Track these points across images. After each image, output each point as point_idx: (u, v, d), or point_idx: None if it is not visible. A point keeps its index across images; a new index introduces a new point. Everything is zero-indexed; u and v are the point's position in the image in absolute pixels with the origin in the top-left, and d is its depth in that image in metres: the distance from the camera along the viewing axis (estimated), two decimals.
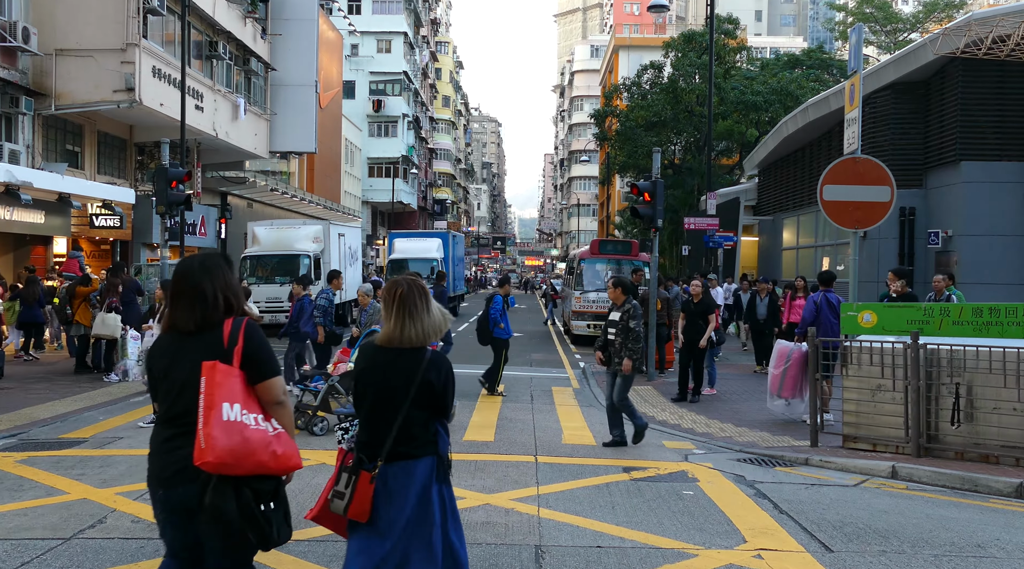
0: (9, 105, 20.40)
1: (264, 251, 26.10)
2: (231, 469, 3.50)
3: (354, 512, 3.97)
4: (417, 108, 76.74)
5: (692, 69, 39.58)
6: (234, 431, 3.51)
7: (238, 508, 3.53)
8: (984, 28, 15.89)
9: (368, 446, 4.05)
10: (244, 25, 30.14)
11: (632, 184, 16.96)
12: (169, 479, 3.64)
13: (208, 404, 3.53)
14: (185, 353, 3.71)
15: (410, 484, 3.99)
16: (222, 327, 3.75)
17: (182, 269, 3.89)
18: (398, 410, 4.03)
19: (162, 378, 3.75)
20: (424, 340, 4.13)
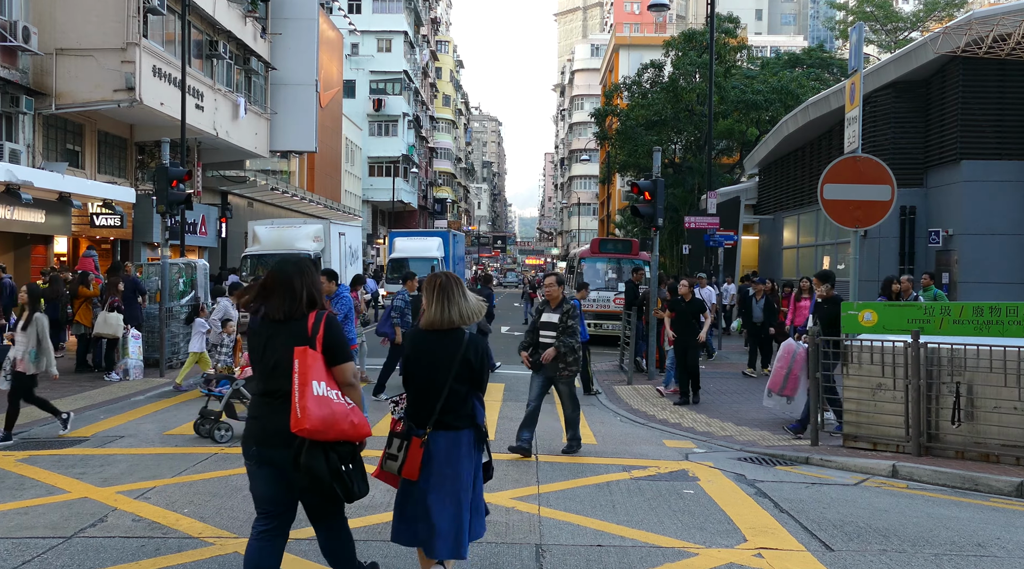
0: (9, 104, 20.40)
1: (265, 250, 26.08)
2: (321, 435, 4.29)
3: (406, 472, 4.74)
4: (417, 107, 76.74)
5: (692, 68, 39.56)
6: (323, 404, 4.30)
7: (327, 467, 4.32)
8: (985, 27, 15.88)
9: (416, 416, 4.81)
10: (244, 24, 30.13)
11: (633, 183, 16.94)
12: (266, 440, 4.43)
13: (302, 382, 4.29)
14: (276, 337, 4.47)
15: (451, 451, 4.77)
16: (307, 318, 4.51)
17: (278, 268, 4.65)
18: (443, 384, 4.77)
19: (258, 359, 4.53)
20: (462, 322, 4.87)
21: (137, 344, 15.33)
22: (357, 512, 6.97)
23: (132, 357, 15.14)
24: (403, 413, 4.90)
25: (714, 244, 24.66)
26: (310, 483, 4.33)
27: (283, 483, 4.46)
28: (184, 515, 6.82)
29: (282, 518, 4.57)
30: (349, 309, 11.02)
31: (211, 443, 9.78)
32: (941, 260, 18.68)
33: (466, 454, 4.82)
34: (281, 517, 4.56)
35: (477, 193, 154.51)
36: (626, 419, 12.08)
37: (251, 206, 38.05)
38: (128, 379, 14.83)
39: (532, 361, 9.41)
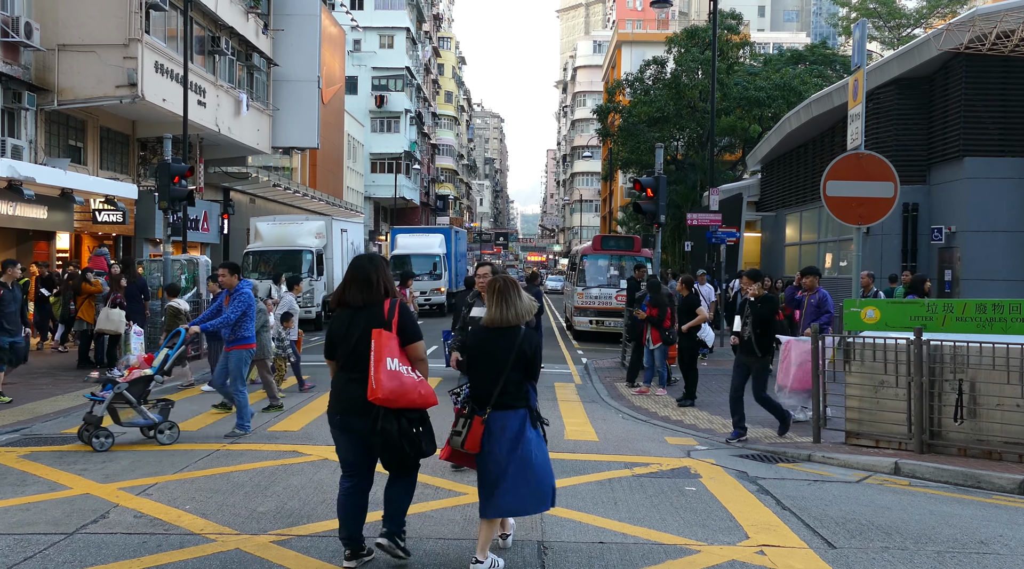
0: (12, 100, 20.41)
1: (267, 247, 26.12)
2: (393, 403, 5.18)
3: (468, 445, 5.48)
4: (419, 104, 76.69)
5: (695, 65, 39.49)
6: (395, 377, 5.19)
7: (399, 430, 5.22)
8: (988, 24, 15.84)
9: (478, 399, 5.57)
10: (246, 20, 30.12)
11: (635, 180, 16.94)
12: (347, 408, 5.35)
13: (378, 358, 5.18)
14: (356, 321, 5.38)
15: (507, 427, 5.48)
16: (383, 304, 5.42)
17: (357, 263, 5.59)
18: (501, 372, 5.50)
19: (340, 340, 5.42)
20: (518, 320, 5.60)
21: (139, 341, 15.31)
22: None
23: (134, 353, 15.11)
24: (463, 399, 5.74)
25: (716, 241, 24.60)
26: (385, 443, 5.26)
27: (363, 447, 5.41)
28: (186, 512, 6.82)
29: (363, 477, 5.53)
30: (248, 307, 10.19)
31: (213, 439, 9.78)
32: (944, 257, 18.65)
33: (522, 429, 5.50)
34: (362, 475, 5.53)
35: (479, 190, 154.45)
36: (628, 416, 12.07)
37: (253, 202, 38.05)
38: None
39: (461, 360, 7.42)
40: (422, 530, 6.41)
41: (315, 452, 9.15)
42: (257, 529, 6.36)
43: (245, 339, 10.37)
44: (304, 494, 7.40)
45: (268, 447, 9.43)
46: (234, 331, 10.30)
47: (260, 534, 6.24)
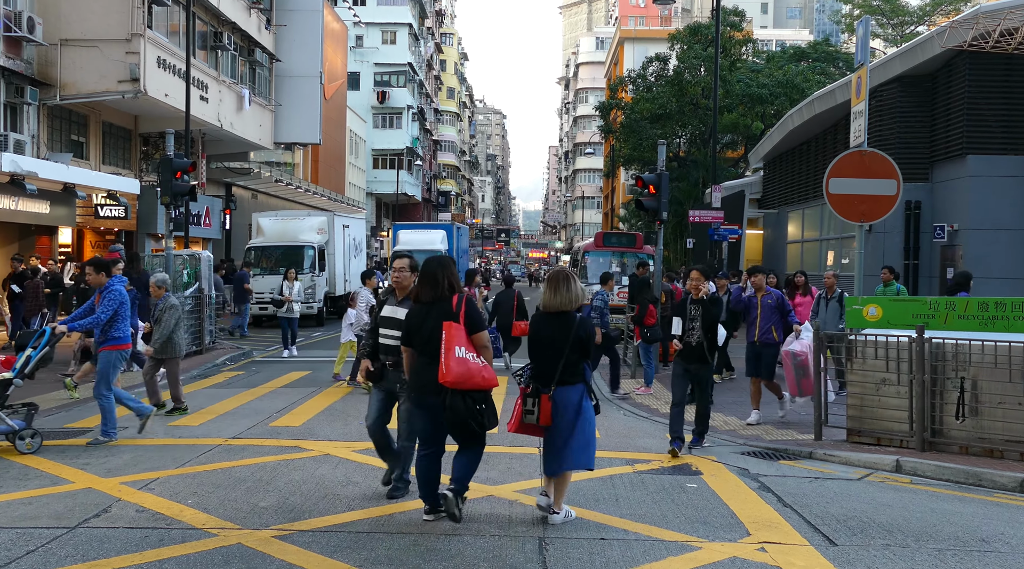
0: (14, 95, 20.41)
1: (269, 242, 26.12)
2: (460, 385, 6.05)
3: (543, 420, 6.47)
4: (422, 100, 76.64)
5: (697, 61, 39.44)
6: (462, 363, 6.05)
7: (465, 408, 6.09)
8: (991, 21, 15.81)
9: (542, 378, 6.54)
10: (249, 16, 30.10)
11: (637, 176, 16.93)
12: (422, 388, 6.29)
13: (447, 347, 6.05)
14: (429, 314, 6.32)
15: (569, 400, 6.49)
16: (451, 300, 6.33)
17: (426, 265, 6.54)
18: (561, 353, 6.46)
19: (416, 330, 6.36)
20: (570, 306, 6.58)
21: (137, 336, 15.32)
22: (361, 504, 6.98)
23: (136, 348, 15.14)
24: (527, 380, 6.62)
25: (718, 238, 24.63)
26: (453, 419, 6.15)
27: (435, 420, 6.30)
28: (188, 506, 6.83)
29: (436, 446, 6.46)
30: (120, 304, 9.59)
31: (215, 435, 9.79)
32: (946, 255, 18.63)
33: (581, 401, 6.52)
34: (436, 445, 6.46)
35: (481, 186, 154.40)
36: (629, 413, 12.08)
37: (255, 198, 38.06)
38: (131, 370, 14.86)
39: (372, 370, 7.23)
40: (423, 526, 6.42)
41: (317, 447, 9.16)
42: (259, 524, 6.37)
43: (116, 339, 9.60)
44: (306, 489, 7.41)
45: (270, 442, 9.45)
46: (104, 332, 9.53)
47: (262, 529, 6.25)
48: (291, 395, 12.85)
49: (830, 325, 12.73)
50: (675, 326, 9.21)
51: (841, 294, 12.96)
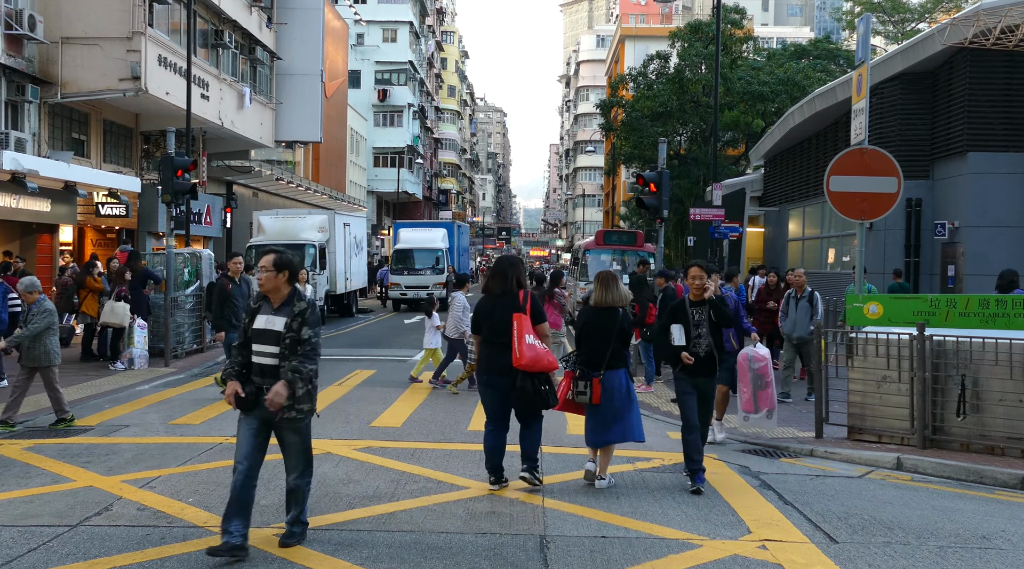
0: (15, 93, 20.40)
1: (270, 240, 26.10)
2: (529, 368, 7.10)
3: (595, 399, 7.50)
4: (422, 98, 76.58)
5: (698, 59, 39.41)
6: (532, 349, 7.10)
7: (533, 388, 7.15)
8: (992, 18, 15.79)
9: (592, 363, 7.57)
10: (250, 14, 30.08)
11: (638, 174, 16.93)
12: (493, 370, 7.30)
13: (520, 335, 7.09)
14: (498, 306, 7.34)
15: (616, 382, 7.59)
16: (517, 294, 7.36)
17: (497, 263, 7.66)
18: (608, 342, 7.55)
19: (486, 319, 7.38)
20: (616, 303, 7.65)
21: (143, 334, 15.37)
22: (362, 502, 6.99)
23: (137, 346, 15.18)
24: (574, 366, 7.68)
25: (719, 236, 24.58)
26: (522, 397, 7.18)
27: (503, 399, 7.32)
28: (189, 504, 6.84)
29: (503, 420, 7.42)
30: None
31: (216, 433, 9.80)
32: (947, 253, 18.63)
33: (626, 382, 7.67)
34: (503, 419, 7.42)
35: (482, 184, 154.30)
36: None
37: (256, 196, 38.05)
38: (133, 368, 14.88)
39: (243, 396, 5.86)
40: (424, 524, 6.43)
41: (318, 446, 9.13)
42: (260, 522, 6.37)
43: None
44: None
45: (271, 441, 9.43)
46: None
47: (263, 527, 6.26)
48: None
49: (800, 326, 12.48)
50: (676, 335, 7.79)
51: (812, 293, 12.68)
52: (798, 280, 12.99)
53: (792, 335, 12.74)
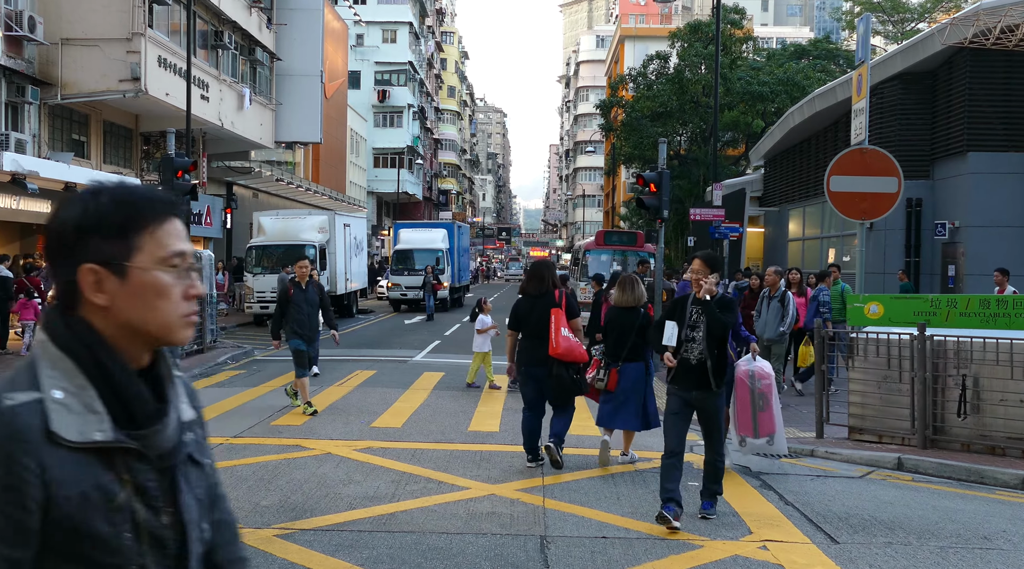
0: (15, 94, 20.40)
1: (270, 241, 26.12)
2: (564, 358, 8.00)
3: (610, 386, 8.39)
4: (422, 98, 76.58)
5: (698, 59, 39.43)
6: (567, 340, 8.00)
7: (567, 375, 8.06)
8: (992, 18, 15.80)
9: (613, 355, 8.43)
10: (249, 15, 30.08)
11: (638, 175, 16.94)
12: (531, 361, 8.18)
13: (556, 329, 7.97)
14: (537, 304, 8.23)
15: (632, 373, 8.42)
16: (553, 293, 8.26)
17: (534, 266, 8.80)
18: (628, 337, 8.35)
19: (525, 317, 8.27)
20: (636, 303, 8.49)
21: None
22: (362, 503, 6.99)
23: None
24: (600, 354, 8.59)
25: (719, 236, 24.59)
26: (557, 385, 8.08)
27: (540, 388, 8.19)
28: None
29: (540, 406, 8.27)
30: None
31: (217, 434, 9.79)
32: (947, 252, 18.63)
33: (643, 374, 8.51)
34: (539, 406, 8.26)
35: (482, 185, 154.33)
36: None
37: (256, 197, 38.05)
38: None
39: None
40: (425, 524, 6.43)
41: (318, 446, 9.16)
42: (260, 523, 6.37)
43: None
44: (307, 488, 7.41)
45: (271, 441, 9.45)
46: None
47: (264, 528, 6.25)
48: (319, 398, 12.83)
49: (771, 327, 12.24)
50: (668, 333, 6.71)
51: (784, 293, 12.37)
52: (769, 279, 12.64)
53: (763, 336, 12.27)
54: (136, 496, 1.45)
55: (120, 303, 1.48)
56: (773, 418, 8.13)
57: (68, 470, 1.38)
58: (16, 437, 1.35)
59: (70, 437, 1.38)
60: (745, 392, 8.12)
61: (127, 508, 1.43)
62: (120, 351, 1.49)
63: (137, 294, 1.48)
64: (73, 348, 1.46)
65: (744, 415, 8.17)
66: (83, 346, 1.46)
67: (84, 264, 1.46)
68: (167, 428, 1.52)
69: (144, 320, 1.49)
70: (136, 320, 1.49)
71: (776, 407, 8.17)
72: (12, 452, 1.35)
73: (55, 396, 1.41)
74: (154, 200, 1.53)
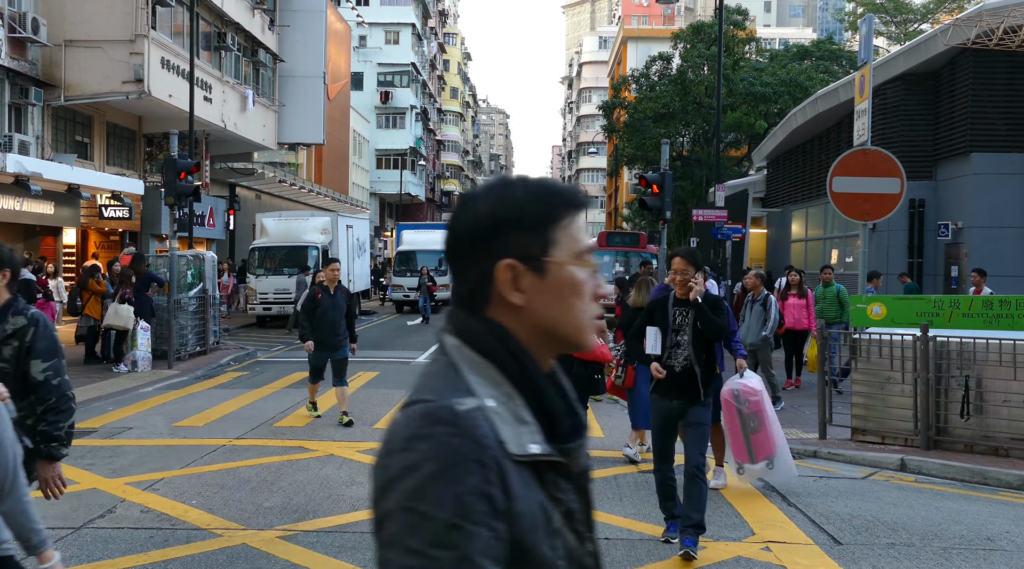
0: (19, 96, 20.43)
1: (273, 242, 26.14)
2: (586, 356, 8.05)
3: (627, 383, 8.67)
4: (425, 99, 76.63)
5: (701, 60, 39.40)
6: None
7: (587, 375, 8.42)
8: (995, 19, 15.77)
9: (632, 355, 7.72)
10: (252, 16, 30.12)
11: (640, 176, 16.94)
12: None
13: None
14: None
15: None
16: None
17: None
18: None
19: None
20: None
21: (146, 336, 15.38)
22: (365, 504, 6.98)
23: (141, 349, 15.19)
24: (621, 355, 8.70)
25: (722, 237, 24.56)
26: (577, 382, 8.08)
27: None
28: (192, 507, 6.84)
29: None
30: None
31: (220, 435, 9.80)
32: (950, 253, 18.60)
33: None
34: None
35: None
36: None
37: (259, 198, 38.10)
38: (136, 371, 14.88)
39: None
40: None
41: (321, 448, 9.16)
42: (263, 524, 6.38)
43: None
44: (310, 489, 7.41)
45: (274, 443, 9.45)
46: None
47: (266, 529, 6.26)
48: (295, 395, 12.85)
49: (753, 331, 11.89)
50: (650, 341, 6.19)
51: (766, 297, 12.06)
52: (751, 283, 12.37)
53: (746, 340, 11.62)
54: (564, 520, 1.34)
55: (536, 302, 1.38)
56: (770, 438, 7.34)
57: (519, 484, 1.26)
58: (481, 443, 1.24)
59: (512, 449, 1.27)
60: (733, 415, 7.47)
61: (560, 532, 1.32)
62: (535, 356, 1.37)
63: (555, 292, 1.39)
64: (496, 353, 1.35)
65: (736, 440, 7.51)
66: (507, 351, 1.35)
67: (503, 259, 1.36)
68: (587, 443, 1.41)
69: (558, 320, 1.39)
70: (550, 321, 1.39)
71: (771, 425, 7.37)
72: (481, 458, 1.23)
73: (488, 404, 1.29)
74: (567, 192, 1.43)
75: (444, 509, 1.19)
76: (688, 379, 6.00)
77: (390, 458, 1.28)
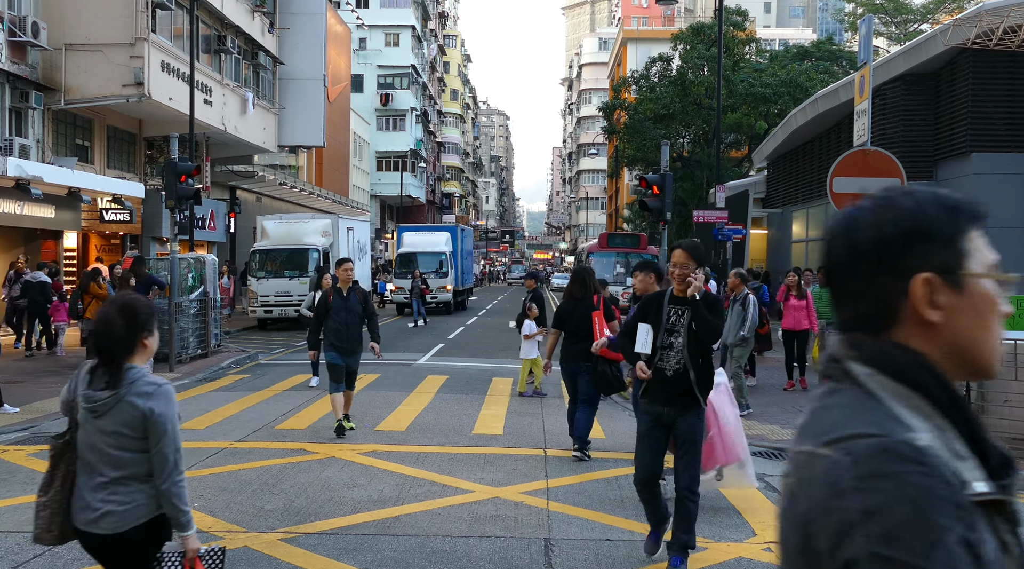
0: (19, 100, 20.46)
1: (273, 245, 26.16)
2: (605, 355, 8.56)
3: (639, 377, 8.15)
4: (425, 102, 76.68)
5: (701, 61, 39.43)
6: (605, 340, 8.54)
7: (611, 372, 8.73)
8: (995, 19, 15.78)
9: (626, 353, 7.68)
10: (252, 19, 30.15)
11: (641, 177, 16.93)
12: (573, 358, 9.03)
13: (599, 329, 8.83)
14: (578, 307, 9.09)
15: None
16: (592, 297, 9.12)
17: (576, 271, 9.65)
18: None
19: (568, 317, 9.10)
20: None
21: None
22: (366, 506, 6.99)
23: None
24: None
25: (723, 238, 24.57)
26: (601, 380, 8.76)
27: (576, 381, 9.07)
28: (194, 509, 6.81)
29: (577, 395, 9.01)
30: None
31: (221, 438, 9.81)
32: None
33: None
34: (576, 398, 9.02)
35: (485, 188, 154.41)
36: (633, 414, 12.05)
37: (259, 201, 38.12)
38: None
39: None
40: (429, 528, 6.43)
41: (322, 450, 9.16)
42: (265, 527, 6.38)
43: None
44: (311, 492, 7.42)
45: (275, 445, 9.46)
46: None
47: (268, 532, 6.26)
48: (296, 398, 12.86)
49: (732, 331, 11.74)
50: (641, 338, 5.69)
51: (746, 296, 11.94)
52: (731, 282, 12.29)
53: (725, 340, 11.70)
54: None
55: (954, 321, 1.29)
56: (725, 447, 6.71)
57: (982, 528, 1.14)
58: (951, 482, 1.12)
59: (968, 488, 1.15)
60: None
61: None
62: None
63: (974, 308, 1.30)
64: (923, 382, 1.25)
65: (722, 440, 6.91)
66: (934, 379, 1.25)
67: (919, 274, 1.27)
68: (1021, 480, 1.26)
69: (975, 340, 1.31)
70: (966, 341, 1.30)
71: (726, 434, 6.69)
72: (957, 500, 1.11)
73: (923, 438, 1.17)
74: (968, 203, 1.34)
75: (927, 559, 1.07)
76: (679, 383, 5.51)
77: (843, 499, 1.13)
